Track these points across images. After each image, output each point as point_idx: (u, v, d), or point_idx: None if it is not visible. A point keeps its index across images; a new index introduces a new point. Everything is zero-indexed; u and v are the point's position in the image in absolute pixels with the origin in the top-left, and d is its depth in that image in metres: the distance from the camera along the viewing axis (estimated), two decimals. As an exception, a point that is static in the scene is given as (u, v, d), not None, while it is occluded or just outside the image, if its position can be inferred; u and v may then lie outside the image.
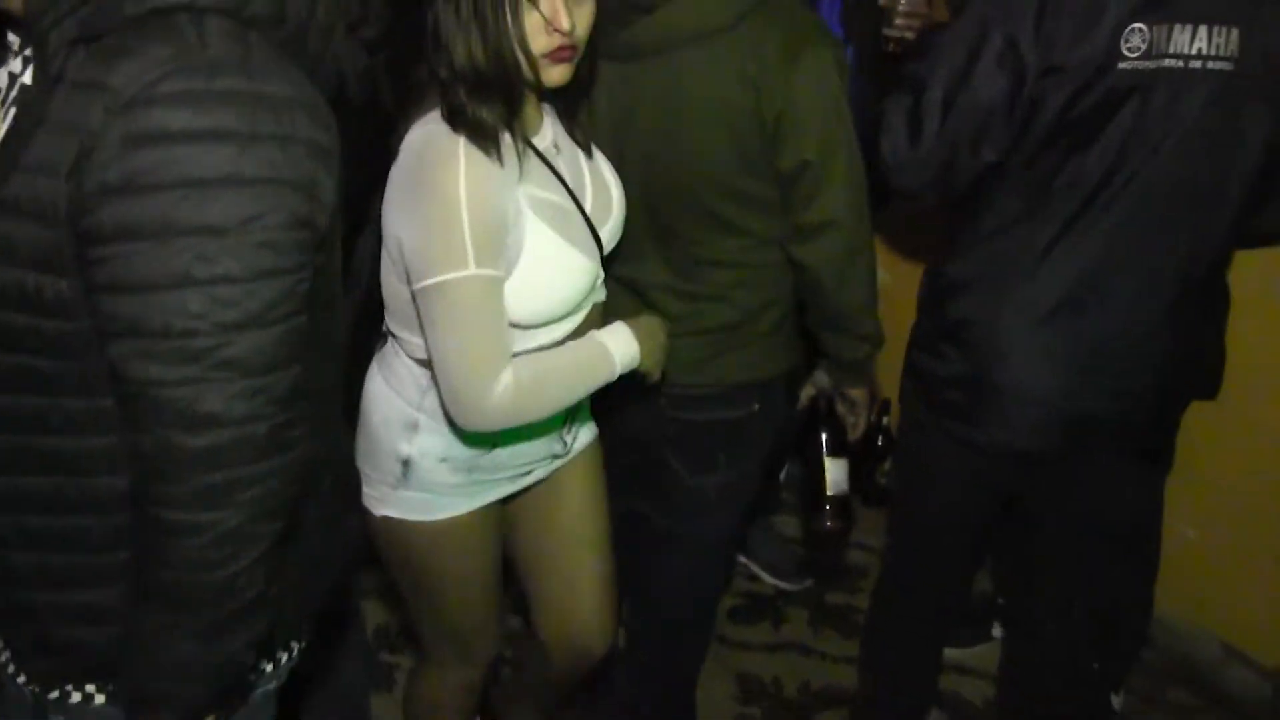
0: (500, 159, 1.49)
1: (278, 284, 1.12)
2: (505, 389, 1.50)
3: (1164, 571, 2.64)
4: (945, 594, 2.40)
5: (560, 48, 1.48)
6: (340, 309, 1.40)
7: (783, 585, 3.09)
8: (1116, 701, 2.70)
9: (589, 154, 1.75)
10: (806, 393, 2.19)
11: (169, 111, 1.04)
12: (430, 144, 1.52)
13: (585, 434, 1.93)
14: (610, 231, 1.75)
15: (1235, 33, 1.81)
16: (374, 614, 2.89)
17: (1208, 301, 2.09)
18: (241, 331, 1.09)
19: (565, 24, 1.45)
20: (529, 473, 1.82)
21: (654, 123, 1.91)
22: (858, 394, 2.14)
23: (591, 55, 1.69)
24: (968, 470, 2.17)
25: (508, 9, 1.44)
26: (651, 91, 1.89)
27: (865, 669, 2.55)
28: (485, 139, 1.49)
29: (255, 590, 1.19)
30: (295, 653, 1.47)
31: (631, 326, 1.68)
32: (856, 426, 2.19)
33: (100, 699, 1.28)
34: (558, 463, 1.87)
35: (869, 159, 2.08)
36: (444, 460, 1.71)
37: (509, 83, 1.49)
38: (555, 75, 1.51)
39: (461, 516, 1.76)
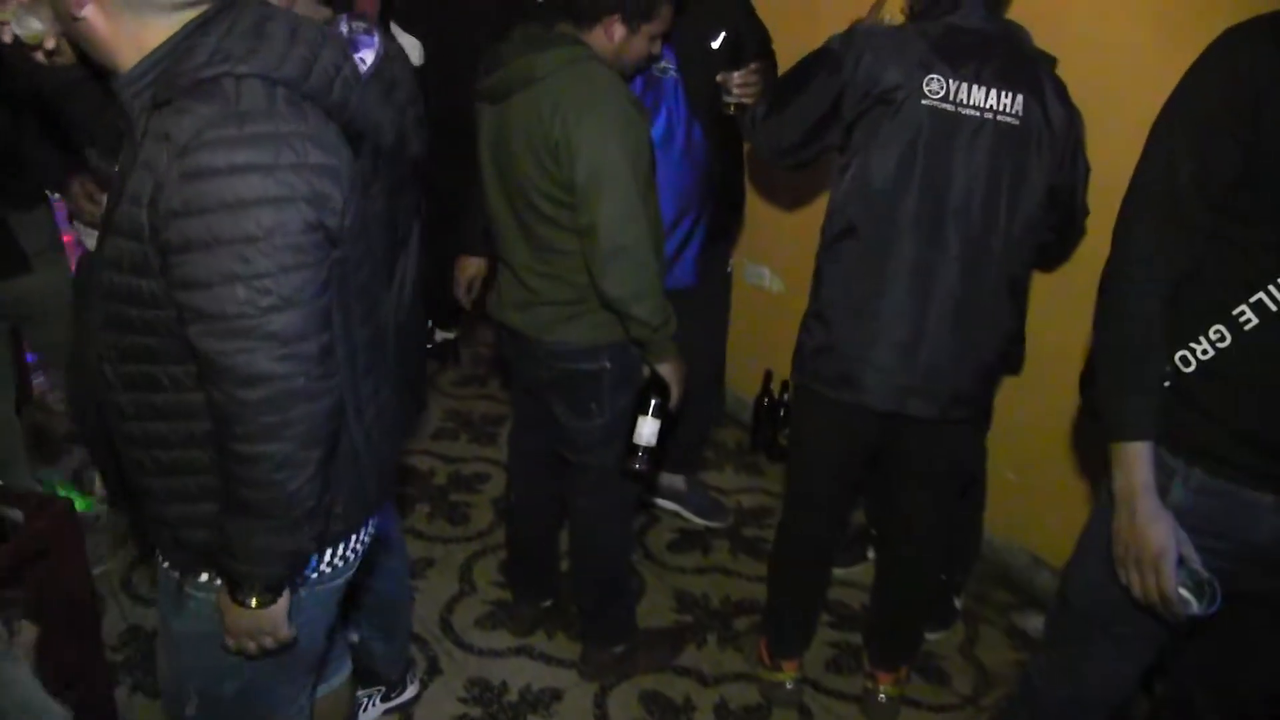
0: None
1: (301, 275, 1.33)
2: None
3: (990, 503, 3.06)
4: (830, 526, 2.70)
5: None
6: (377, 288, 1.63)
7: (708, 524, 3.49)
8: (958, 602, 3.11)
9: None
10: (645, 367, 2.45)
11: (211, 154, 1.26)
12: None
13: None
14: None
15: (1020, 97, 2.17)
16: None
17: (1007, 304, 2.35)
18: (277, 312, 1.31)
19: None
20: None
21: (506, 145, 2.30)
22: (663, 369, 2.39)
23: None
24: (838, 428, 2.50)
25: None
26: (504, 123, 2.29)
27: (772, 584, 2.85)
28: None
29: (311, 501, 1.43)
30: (357, 545, 1.71)
31: None
32: (671, 397, 2.41)
33: (216, 581, 1.55)
34: None
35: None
36: None
37: None
38: None
39: None
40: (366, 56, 1.85)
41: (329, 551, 1.65)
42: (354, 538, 1.70)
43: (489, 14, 3.35)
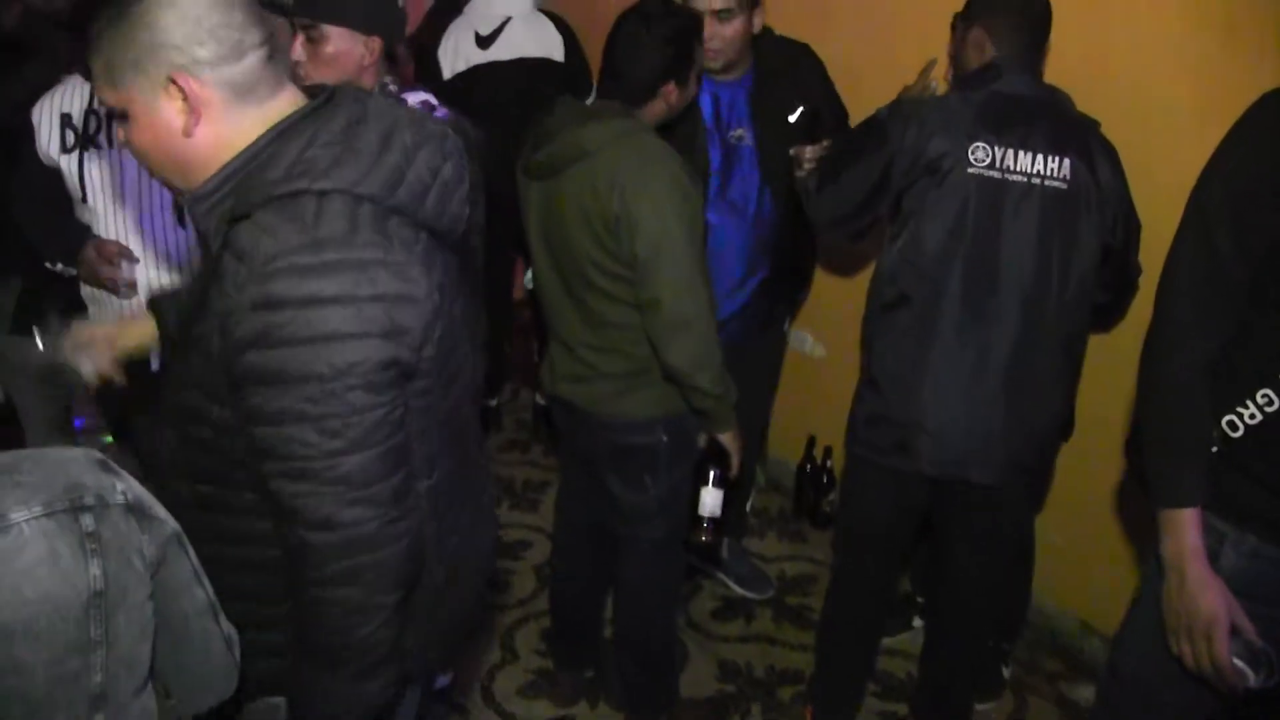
0: None
1: (373, 416, 1.25)
2: None
3: (1037, 569, 2.99)
4: (879, 594, 2.71)
5: None
6: (466, 407, 1.55)
7: (750, 595, 3.44)
8: (1006, 671, 3.05)
9: None
10: (702, 436, 2.47)
11: (283, 283, 1.20)
12: None
13: None
14: None
15: (1068, 161, 2.21)
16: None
17: (1063, 367, 2.37)
18: (347, 455, 1.24)
19: None
20: None
21: (558, 220, 2.31)
22: (723, 439, 2.41)
23: None
24: (891, 495, 2.52)
25: None
26: (555, 199, 2.30)
27: (820, 653, 2.84)
28: None
29: (384, 647, 1.36)
30: (435, 680, 1.72)
31: None
32: (729, 466, 2.44)
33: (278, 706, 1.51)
34: None
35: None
36: None
37: None
38: None
39: None
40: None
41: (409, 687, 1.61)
42: (413, 682, 1.64)
43: (511, 88, 3.46)
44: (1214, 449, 1.67)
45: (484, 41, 3.66)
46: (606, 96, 2.34)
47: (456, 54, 3.64)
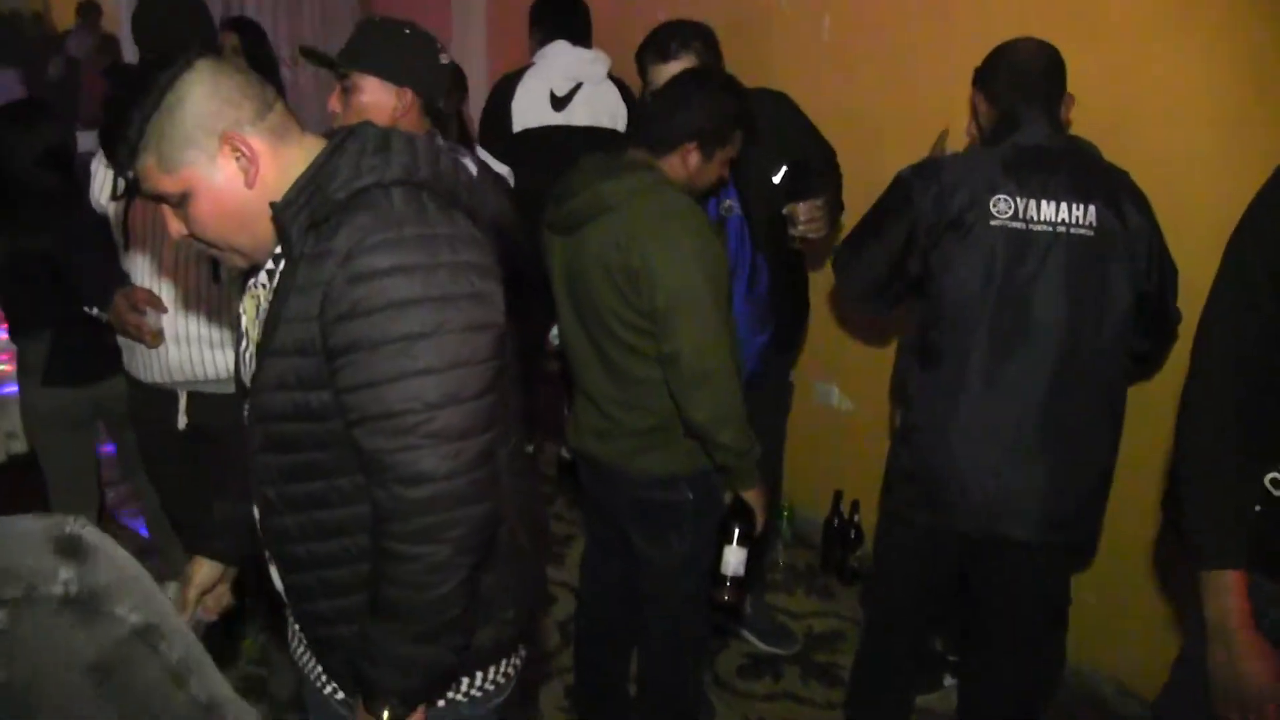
0: None
1: (467, 372, 1.36)
2: None
3: (1072, 628, 2.91)
4: (912, 652, 2.69)
5: None
6: (516, 386, 1.62)
7: (775, 651, 3.40)
8: None
9: None
10: (727, 493, 2.44)
11: (374, 256, 1.32)
12: None
13: None
14: None
15: (1092, 208, 2.20)
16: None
17: (1104, 418, 2.33)
18: (442, 409, 1.34)
19: None
20: None
21: (582, 275, 2.32)
22: (747, 496, 2.38)
23: None
24: (925, 552, 2.50)
25: None
26: (579, 253, 2.32)
27: (849, 713, 2.83)
28: None
29: (458, 608, 1.43)
30: (516, 660, 1.71)
31: None
32: (754, 524, 2.40)
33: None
34: None
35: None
36: None
37: None
38: None
39: None
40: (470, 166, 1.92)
41: (491, 669, 1.66)
42: (513, 655, 1.71)
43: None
44: (1256, 507, 1.63)
45: (559, 103, 3.63)
46: (634, 134, 2.34)
47: (529, 109, 3.62)
